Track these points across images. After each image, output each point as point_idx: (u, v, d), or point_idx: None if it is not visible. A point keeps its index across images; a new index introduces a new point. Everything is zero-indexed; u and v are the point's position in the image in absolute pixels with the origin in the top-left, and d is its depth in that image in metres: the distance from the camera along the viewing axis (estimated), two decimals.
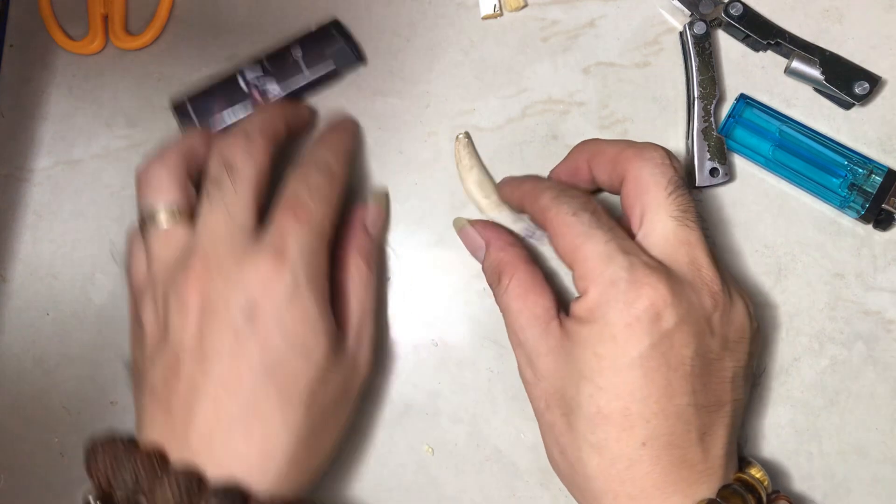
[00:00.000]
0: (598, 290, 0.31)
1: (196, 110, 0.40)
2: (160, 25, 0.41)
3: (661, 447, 0.31)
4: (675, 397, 0.31)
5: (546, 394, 0.33)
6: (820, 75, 0.38)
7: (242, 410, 0.32)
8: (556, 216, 0.33)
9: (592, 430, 0.31)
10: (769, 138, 0.38)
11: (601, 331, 0.31)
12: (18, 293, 0.42)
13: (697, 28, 0.39)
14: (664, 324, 0.30)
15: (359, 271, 0.36)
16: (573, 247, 0.32)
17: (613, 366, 0.31)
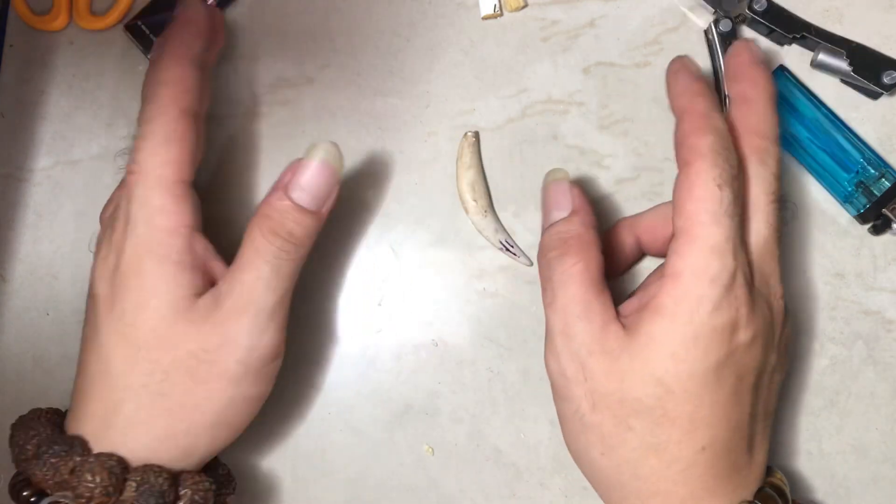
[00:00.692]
0: (696, 279, 0.29)
1: (150, 27, 0.41)
2: (124, 8, 0.41)
3: (718, 453, 0.31)
4: (738, 406, 0.31)
5: (594, 394, 0.31)
6: (847, 66, 0.38)
7: (95, 370, 0.32)
8: (700, 173, 0.30)
9: (654, 432, 0.30)
10: (793, 114, 0.38)
11: (684, 329, 0.29)
12: (18, 293, 0.41)
13: (723, 25, 0.39)
14: (740, 337, 0.30)
15: (257, 235, 0.32)
16: (697, 220, 0.30)
17: (690, 370, 0.30)
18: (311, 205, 0.33)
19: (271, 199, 0.32)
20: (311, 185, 0.33)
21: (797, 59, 0.40)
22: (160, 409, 0.31)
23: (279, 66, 0.41)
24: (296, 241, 0.32)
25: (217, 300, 0.32)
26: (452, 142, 0.40)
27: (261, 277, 0.32)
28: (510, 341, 0.40)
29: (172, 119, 0.32)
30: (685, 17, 0.40)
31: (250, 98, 0.41)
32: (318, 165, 0.33)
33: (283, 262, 0.32)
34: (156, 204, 0.31)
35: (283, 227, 0.32)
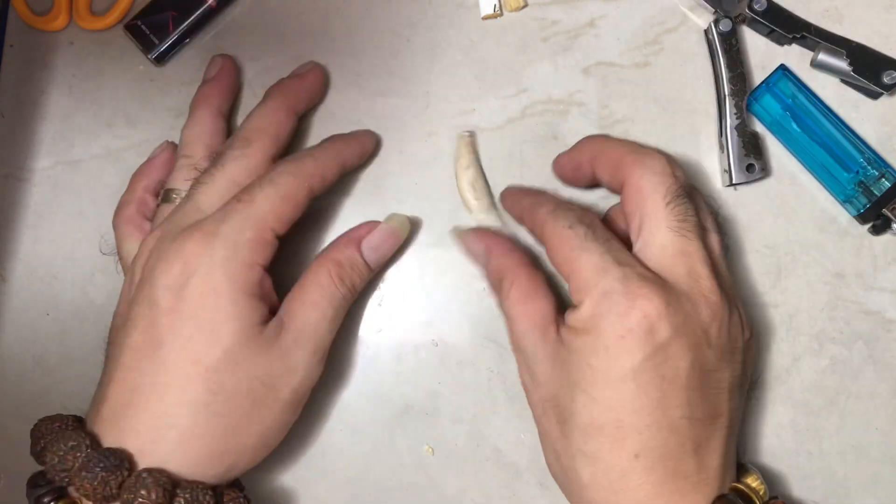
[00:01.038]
0: (593, 301, 0.31)
1: (150, 27, 0.41)
2: (124, 8, 0.41)
3: (655, 459, 0.31)
4: (669, 409, 0.31)
5: (543, 400, 0.33)
6: (847, 66, 0.38)
7: (144, 383, 0.32)
8: (552, 229, 0.33)
9: (586, 440, 0.31)
10: (794, 113, 0.38)
11: (595, 342, 0.31)
12: (18, 293, 0.41)
13: (723, 25, 0.39)
14: (658, 336, 0.30)
15: (326, 278, 0.35)
16: (569, 259, 0.32)
17: (606, 377, 0.31)
18: (374, 265, 0.37)
19: (345, 249, 0.36)
20: (381, 248, 0.37)
21: (797, 59, 0.40)
22: (215, 429, 0.32)
23: (279, 66, 0.41)
24: (354, 292, 0.36)
25: (281, 331, 0.33)
26: (452, 142, 0.40)
27: (325, 319, 0.34)
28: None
29: (301, 188, 0.34)
30: (685, 17, 0.40)
31: (250, 98, 0.41)
32: (390, 233, 0.37)
33: (342, 308, 0.35)
34: (247, 236, 0.33)
35: (350, 278, 0.35)
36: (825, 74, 0.40)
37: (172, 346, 0.32)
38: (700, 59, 0.40)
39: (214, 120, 0.38)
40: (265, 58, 0.41)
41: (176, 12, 0.41)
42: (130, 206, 0.39)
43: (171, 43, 0.41)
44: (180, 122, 0.41)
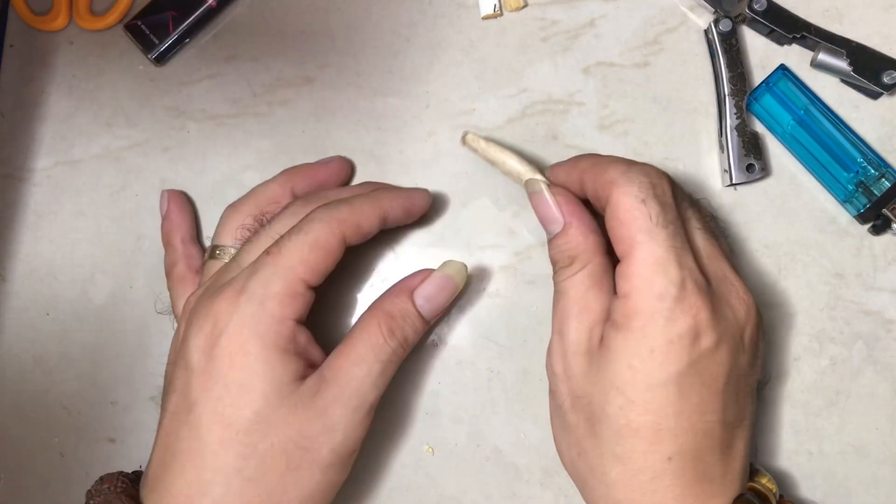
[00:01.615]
0: (643, 299, 0.30)
1: (150, 27, 0.41)
2: (124, 8, 0.41)
3: (686, 462, 0.30)
4: (705, 414, 0.30)
5: (572, 393, 0.32)
6: (847, 66, 0.38)
7: (179, 448, 0.31)
8: (623, 197, 0.31)
9: (619, 441, 0.31)
10: (794, 113, 0.38)
11: (638, 343, 0.30)
12: (18, 293, 0.41)
13: (723, 25, 0.39)
14: (703, 343, 0.30)
15: (375, 331, 0.33)
16: (631, 241, 0.30)
17: (648, 381, 0.30)
18: (429, 316, 0.35)
19: (397, 300, 0.34)
20: (436, 298, 0.35)
21: (797, 59, 0.40)
22: (249, 495, 0.31)
23: (279, 66, 0.41)
24: (407, 346, 0.34)
25: (320, 386, 0.32)
26: (452, 142, 0.40)
27: (370, 374, 0.32)
28: (510, 341, 0.40)
29: (332, 234, 0.33)
30: (685, 17, 0.40)
31: (250, 98, 0.41)
32: (446, 281, 0.35)
33: (391, 363, 0.33)
34: (275, 290, 0.32)
35: (402, 331, 0.33)
36: (825, 74, 0.40)
37: (204, 408, 0.31)
38: (700, 59, 0.40)
39: (284, 191, 0.37)
40: (265, 58, 0.41)
41: (176, 12, 0.41)
42: (179, 265, 0.38)
43: (171, 43, 0.41)
44: (180, 122, 0.41)
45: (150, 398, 0.41)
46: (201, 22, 0.41)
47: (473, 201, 0.40)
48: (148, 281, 0.41)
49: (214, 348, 0.31)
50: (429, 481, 0.39)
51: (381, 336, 0.33)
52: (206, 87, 0.42)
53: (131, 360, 0.41)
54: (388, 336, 0.33)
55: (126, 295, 0.41)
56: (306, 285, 0.32)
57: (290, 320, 0.32)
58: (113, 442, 0.41)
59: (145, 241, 0.41)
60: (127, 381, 0.41)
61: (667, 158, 0.40)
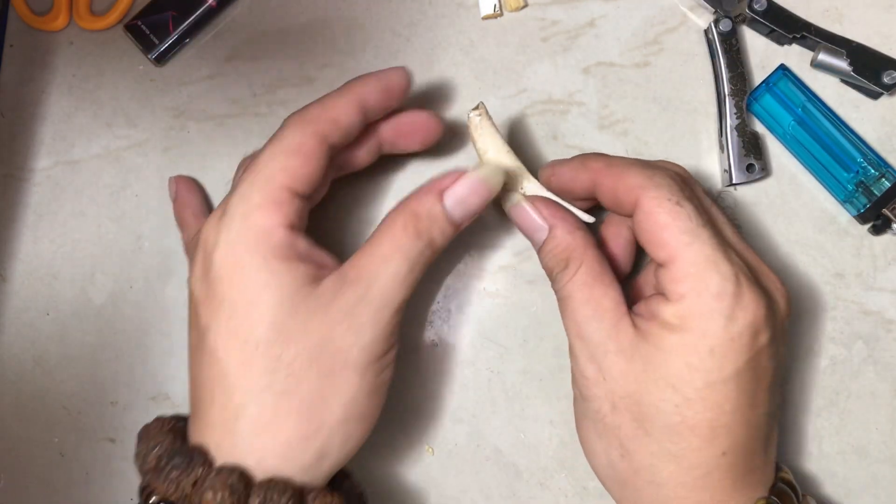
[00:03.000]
0: (699, 299, 0.29)
1: (150, 27, 0.41)
2: (124, 8, 0.41)
3: (738, 456, 0.30)
4: (757, 408, 0.30)
5: (613, 395, 0.31)
6: (847, 66, 0.38)
7: (208, 376, 0.30)
8: (654, 201, 0.30)
9: (673, 438, 0.30)
10: (794, 113, 0.39)
11: (697, 342, 0.29)
12: (18, 293, 0.41)
13: (723, 25, 0.39)
14: (760, 340, 0.30)
15: (400, 231, 0.31)
16: (675, 244, 0.30)
17: (708, 379, 0.29)
18: (459, 219, 0.32)
19: (425, 199, 0.32)
20: (468, 201, 0.32)
21: (797, 59, 0.40)
22: (286, 410, 0.29)
23: (279, 66, 0.41)
24: (434, 248, 0.32)
25: (342, 287, 0.30)
26: (452, 142, 0.40)
27: (398, 273, 0.30)
28: (510, 341, 0.40)
29: (306, 135, 0.31)
30: (685, 17, 0.40)
31: (250, 98, 0.41)
32: (480, 183, 0.32)
33: (418, 264, 0.31)
34: (255, 201, 0.30)
35: (428, 232, 0.31)
36: (825, 74, 0.40)
37: (216, 333, 0.30)
38: (700, 59, 0.40)
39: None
40: (265, 58, 0.41)
41: (176, 12, 0.41)
42: None
43: (171, 43, 0.41)
44: (180, 122, 0.41)
45: (150, 398, 0.41)
46: (201, 22, 0.41)
47: None
48: (148, 281, 0.41)
49: (209, 272, 0.30)
50: (429, 481, 0.39)
51: (407, 236, 0.31)
52: (206, 87, 0.42)
53: (131, 360, 0.41)
54: (415, 237, 0.31)
55: (126, 295, 0.41)
56: (291, 192, 0.30)
57: (281, 227, 0.30)
58: (113, 442, 0.41)
59: (145, 241, 0.41)
60: (127, 381, 0.41)
61: (667, 158, 0.40)
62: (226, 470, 0.29)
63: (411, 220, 0.31)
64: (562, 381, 0.39)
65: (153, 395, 0.41)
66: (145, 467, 0.30)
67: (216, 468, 0.29)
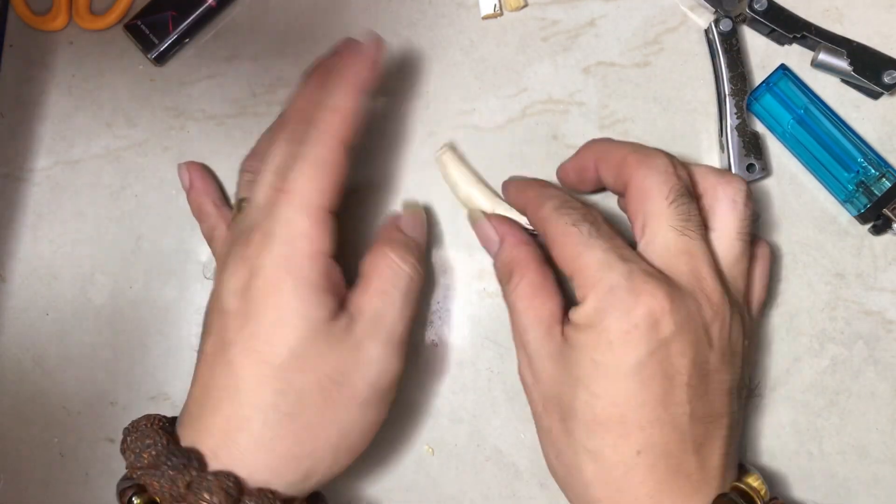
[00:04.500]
0: (597, 296, 0.31)
1: (150, 27, 0.41)
2: (124, 8, 0.41)
3: (657, 456, 0.31)
4: (671, 406, 0.30)
5: (544, 397, 0.33)
6: (848, 66, 0.38)
7: (215, 385, 0.32)
8: (556, 226, 0.33)
9: (588, 436, 0.31)
10: (794, 113, 0.38)
11: (598, 337, 0.31)
12: (18, 293, 0.41)
13: (723, 25, 0.38)
14: (662, 332, 0.30)
15: (384, 261, 0.34)
16: (572, 256, 0.32)
17: (610, 373, 0.31)
18: (420, 240, 0.37)
19: (392, 233, 0.36)
20: (416, 228, 0.37)
21: (798, 59, 0.40)
22: (287, 431, 0.31)
23: (279, 66, 0.41)
24: (418, 272, 0.35)
25: (352, 322, 0.32)
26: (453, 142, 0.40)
27: (394, 304, 0.33)
28: (510, 341, 0.39)
29: (332, 148, 0.32)
30: (685, 17, 0.40)
31: (250, 98, 0.41)
32: (415, 215, 0.38)
33: (410, 291, 0.34)
34: (300, 227, 0.31)
35: (410, 255, 0.34)
36: (825, 74, 0.40)
37: (240, 347, 0.31)
38: (700, 58, 0.40)
39: None
40: (265, 58, 0.41)
41: (176, 12, 0.41)
42: (220, 227, 0.38)
43: (170, 43, 0.41)
44: (180, 122, 0.41)
45: (150, 398, 0.41)
46: (201, 22, 0.41)
47: None
48: (148, 281, 0.41)
49: (248, 290, 0.31)
50: (429, 481, 0.39)
51: (394, 264, 0.34)
52: (206, 87, 0.42)
53: (131, 360, 0.41)
54: (400, 262, 0.34)
55: (126, 295, 0.41)
56: (328, 212, 0.32)
57: (321, 255, 0.32)
58: (113, 442, 0.41)
59: (145, 241, 0.41)
60: (127, 381, 0.41)
61: None
62: (222, 474, 0.30)
63: (390, 250, 0.34)
64: None
65: (153, 395, 0.41)
66: (138, 463, 0.31)
67: (211, 472, 0.30)
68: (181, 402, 0.41)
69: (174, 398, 0.41)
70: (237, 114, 0.41)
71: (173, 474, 0.30)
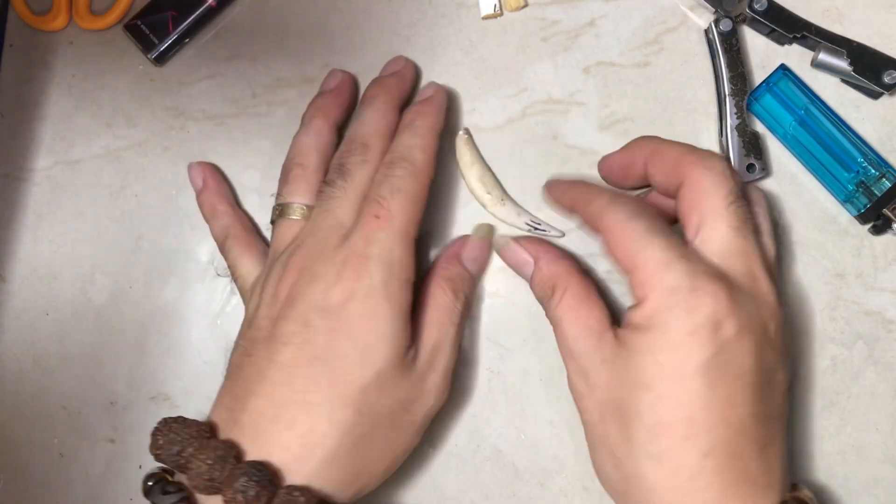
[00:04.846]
0: (658, 297, 0.30)
1: (150, 27, 0.41)
2: (124, 8, 0.41)
3: (724, 458, 0.30)
4: (737, 407, 0.30)
5: (600, 405, 0.32)
6: (848, 66, 0.38)
7: (293, 399, 0.32)
8: (611, 222, 0.33)
9: (653, 439, 0.30)
10: (794, 113, 0.38)
11: (661, 339, 0.30)
12: (18, 293, 0.41)
13: (723, 25, 0.38)
14: (725, 332, 0.30)
15: (443, 296, 0.36)
16: (630, 253, 0.31)
17: (676, 374, 0.30)
18: (477, 274, 0.39)
19: (450, 265, 0.37)
20: (480, 258, 0.39)
21: (798, 59, 0.40)
22: (358, 450, 0.32)
23: (279, 66, 0.41)
24: (468, 307, 0.37)
25: (417, 355, 0.34)
26: (452, 142, 0.40)
27: (449, 337, 0.35)
28: (510, 341, 0.40)
29: (423, 185, 0.35)
30: (685, 17, 0.40)
31: (250, 98, 0.41)
32: (484, 242, 0.39)
33: (461, 325, 0.36)
34: (398, 254, 0.33)
35: (463, 292, 0.37)
36: (825, 74, 0.40)
37: (328, 365, 0.32)
38: (700, 58, 0.40)
39: (331, 132, 0.38)
40: (265, 58, 0.41)
41: (176, 12, 0.41)
42: (235, 227, 0.39)
43: (170, 43, 0.41)
44: (180, 122, 0.41)
45: (149, 398, 0.41)
46: (201, 22, 0.41)
47: (474, 201, 0.40)
48: (148, 281, 0.41)
49: (342, 310, 0.32)
50: (429, 481, 0.39)
51: (449, 299, 0.36)
52: (206, 87, 0.42)
53: (131, 360, 0.41)
54: (454, 298, 0.36)
55: (126, 295, 0.41)
56: (415, 243, 0.34)
57: (411, 283, 0.33)
58: (113, 442, 0.41)
59: (145, 241, 0.41)
60: (127, 381, 0.41)
61: None
62: (305, 489, 0.30)
63: (448, 286, 0.36)
64: (562, 382, 0.39)
65: (153, 395, 0.41)
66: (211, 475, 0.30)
67: (294, 486, 0.31)
68: (181, 402, 0.41)
69: (174, 398, 0.41)
70: (237, 114, 0.41)
71: (259, 489, 0.29)
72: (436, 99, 0.38)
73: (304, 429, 0.31)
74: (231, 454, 0.31)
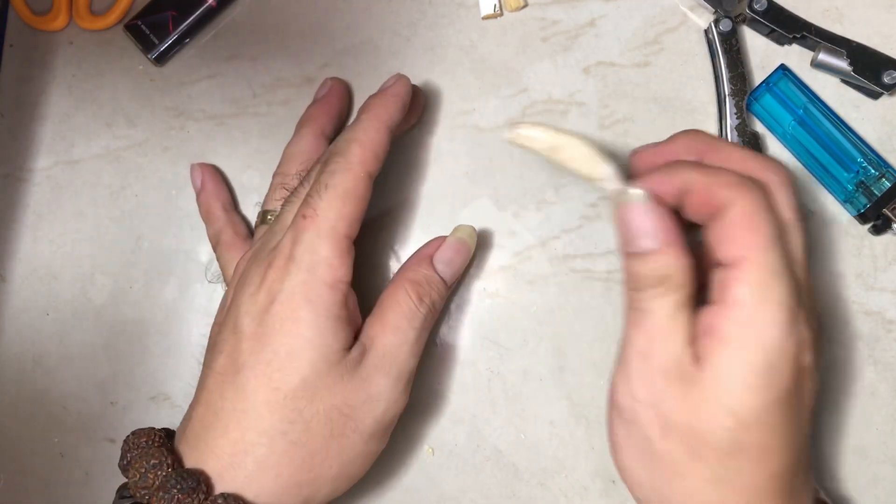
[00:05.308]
0: (761, 306, 0.28)
1: (150, 27, 0.41)
2: (124, 8, 0.41)
3: (786, 478, 0.30)
4: (802, 429, 0.30)
5: (665, 421, 0.30)
6: (847, 66, 0.38)
7: (224, 407, 0.32)
8: (748, 207, 0.29)
9: (725, 462, 0.29)
10: (794, 113, 0.38)
11: (754, 357, 0.28)
12: (18, 293, 0.41)
13: (723, 25, 0.38)
14: (806, 360, 0.29)
15: (405, 299, 0.34)
16: (754, 247, 0.29)
17: (765, 399, 0.28)
18: (450, 280, 0.36)
19: (419, 267, 0.35)
20: (454, 261, 0.36)
21: (797, 59, 0.40)
22: (292, 458, 0.32)
23: (279, 66, 0.41)
24: (435, 312, 0.35)
25: (362, 357, 0.33)
26: (452, 142, 0.40)
27: (407, 342, 0.33)
28: (510, 341, 0.40)
29: (358, 178, 0.33)
30: (685, 17, 0.40)
31: (250, 98, 0.41)
32: (460, 244, 0.37)
33: (424, 330, 0.34)
34: (323, 254, 0.32)
35: (429, 296, 0.35)
36: (825, 74, 0.40)
37: (252, 372, 0.31)
38: (700, 58, 0.40)
39: (316, 140, 0.38)
40: (265, 58, 0.41)
41: (176, 12, 0.41)
42: (226, 232, 0.39)
43: (171, 43, 0.41)
44: (180, 122, 0.41)
45: (150, 398, 0.41)
46: (201, 22, 0.41)
47: (473, 201, 0.40)
48: (148, 281, 0.41)
49: (266, 314, 0.32)
50: (429, 481, 0.39)
51: (412, 303, 0.34)
52: (206, 87, 0.42)
53: (131, 360, 0.41)
54: (418, 302, 0.34)
55: (126, 295, 0.41)
56: (350, 240, 0.33)
57: (341, 283, 0.32)
58: (113, 442, 0.41)
59: (145, 241, 0.41)
60: (127, 381, 0.41)
61: None
62: (232, 497, 0.30)
63: (412, 288, 0.34)
64: (562, 382, 0.39)
65: (153, 395, 0.41)
66: (143, 483, 0.31)
67: (221, 494, 0.30)
68: (181, 403, 0.41)
69: (174, 398, 0.41)
70: (237, 114, 0.41)
71: (182, 497, 0.30)
72: (391, 90, 0.36)
73: (235, 436, 0.31)
74: (165, 462, 0.31)
